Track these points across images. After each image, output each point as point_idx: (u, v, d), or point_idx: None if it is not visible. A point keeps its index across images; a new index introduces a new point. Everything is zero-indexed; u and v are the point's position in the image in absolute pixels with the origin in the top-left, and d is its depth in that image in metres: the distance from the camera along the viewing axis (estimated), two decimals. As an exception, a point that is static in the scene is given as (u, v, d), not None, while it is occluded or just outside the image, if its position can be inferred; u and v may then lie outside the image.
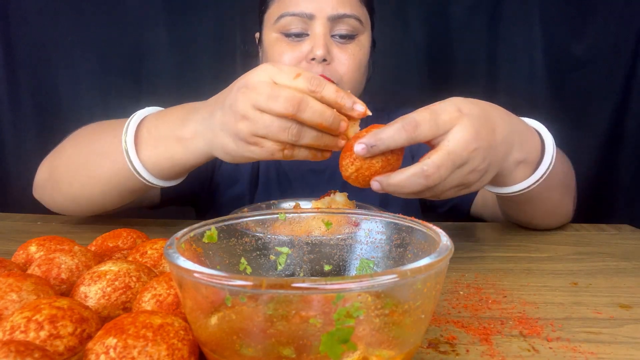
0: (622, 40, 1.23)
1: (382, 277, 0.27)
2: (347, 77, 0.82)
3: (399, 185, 0.49)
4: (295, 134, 0.51)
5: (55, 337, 0.31)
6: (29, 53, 1.26)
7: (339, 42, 0.81)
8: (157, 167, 0.63)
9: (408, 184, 0.48)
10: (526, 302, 0.48)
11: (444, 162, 0.48)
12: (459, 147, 0.49)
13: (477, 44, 1.28)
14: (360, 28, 0.82)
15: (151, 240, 0.51)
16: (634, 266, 0.60)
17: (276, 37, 0.82)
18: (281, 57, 0.81)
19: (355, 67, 0.82)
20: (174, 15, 1.27)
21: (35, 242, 0.51)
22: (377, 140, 0.48)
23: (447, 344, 0.39)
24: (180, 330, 0.31)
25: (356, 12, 0.81)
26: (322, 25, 0.79)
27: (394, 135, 0.48)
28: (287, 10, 0.80)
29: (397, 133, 0.48)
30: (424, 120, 0.48)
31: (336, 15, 0.79)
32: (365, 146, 0.48)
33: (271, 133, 0.51)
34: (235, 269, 0.42)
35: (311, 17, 0.79)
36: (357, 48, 0.82)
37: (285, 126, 0.50)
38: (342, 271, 0.45)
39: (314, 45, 0.78)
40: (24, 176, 1.29)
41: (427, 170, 0.48)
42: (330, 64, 0.80)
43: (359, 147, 0.48)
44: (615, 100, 1.26)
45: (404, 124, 0.48)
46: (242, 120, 0.52)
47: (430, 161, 0.48)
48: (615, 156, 1.27)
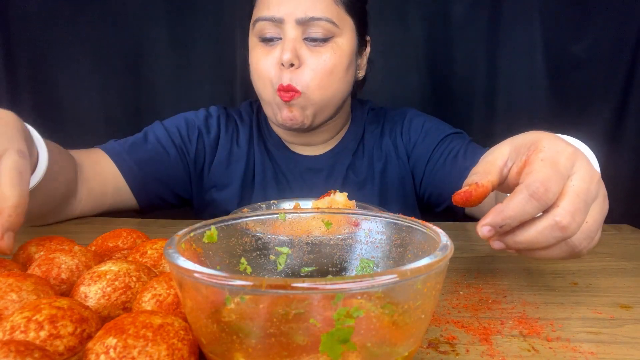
0: (622, 40, 1.23)
1: (382, 277, 0.27)
2: (314, 84, 0.80)
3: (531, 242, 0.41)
4: None
5: (55, 337, 0.31)
6: (29, 53, 1.26)
7: (310, 45, 0.80)
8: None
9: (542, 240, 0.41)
10: (526, 302, 0.48)
11: (576, 205, 0.40)
12: (584, 184, 0.40)
13: (477, 44, 1.28)
14: (335, 30, 0.80)
15: (151, 240, 0.51)
16: (634, 266, 0.60)
17: (255, 41, 0.83)
18: (257, 64, 0.82)
19: (325, 71, 0.80)
20: (174, 15, 1.27)
21: (35, 242, 0.51)
22: (505, 219, 0.40)
23: (447, 344, 0.39)
24: (180, 330, 0.31)
25: (328, 14, 0.79)
26: (292, 29, 0.78)
27: (525, 207, 0.39)
28: (260, 15, 0.80)
29: (529, 204, 0.39)
30: (549, 178, 0.39)
31: (305, 19, 0.78)
32: (491, 228, 0.41)
33: None
34: (235, 269, 0.42)
35: (281, 20, 0.78)
36: (330, 51, 0.81)
37: None
38: (342, 271, 0.45)
39: (282, 49, 0.78)
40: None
41: (560, 221, 0.39)
42: (299, 69, 0.79)
43: (485, 229, 0.41)
44: (615, 100, 1.26)
45: (532, 192, 0.39)
46: None
47: (559, 210, 0.40)
48: (615, 156, 1.27)
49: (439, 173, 0.90)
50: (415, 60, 1.31)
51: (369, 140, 0.97)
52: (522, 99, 1.27)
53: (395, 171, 0.95)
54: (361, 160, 0.96)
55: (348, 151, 0.95)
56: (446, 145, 0.91)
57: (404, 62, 1.31)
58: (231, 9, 1.27)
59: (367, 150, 0.96)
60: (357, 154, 0.96)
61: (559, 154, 0.41)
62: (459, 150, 0.88)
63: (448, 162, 0.89)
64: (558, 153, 0.41)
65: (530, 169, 0.41)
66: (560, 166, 0.40)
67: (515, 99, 1.27)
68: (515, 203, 0.39)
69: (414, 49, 1.30)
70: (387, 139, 0.97)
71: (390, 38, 1.27)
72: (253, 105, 1.01)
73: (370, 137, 0.97)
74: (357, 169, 0.95)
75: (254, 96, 0.93)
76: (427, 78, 1.32)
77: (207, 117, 0.95)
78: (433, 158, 0.91)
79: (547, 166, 0.40)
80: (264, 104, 0.88)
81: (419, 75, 1.32)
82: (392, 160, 0.96)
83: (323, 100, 0.83)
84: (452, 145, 0.90)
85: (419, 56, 1.31)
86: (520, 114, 1.25)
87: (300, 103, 0.81)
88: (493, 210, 0.40)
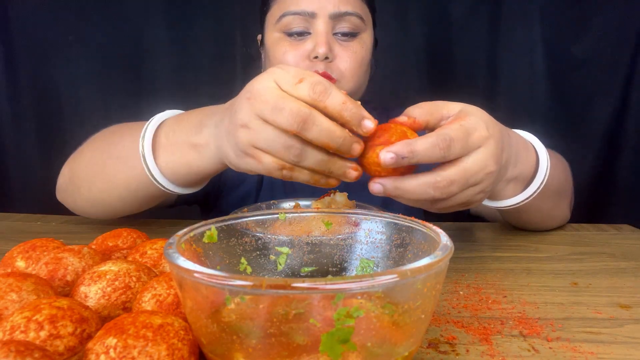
0: (622, 40, 1.23)
1: (382, 277, 0.27)
2: (348, 74, 0.82)
3: (407, 191, 0.46)
4: (297, 155, 0.45)
5: (55, 337, 0.31)
6: (29, 53, 1.26)
7: (340, 40, 0.81)
8: (174, 174, 0.61)
9: (417, 191, 0.46)
10: (526, 302, 0.48)
11: (458, 178, 0.46)
12: (476, 167, 0.47)
13: (477, 44, 1.28)
14: (362, 26, 0.82)
15: (151, 240, 0.51)
16: (634, 266, 0.60)
17: (278, 36, 0.82)
18: (284, 57, 0.81)
19: (357, 64, 0.82)
20: (174, 15, 1.27)
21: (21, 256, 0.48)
22: (409, 153, 0.44)
23: (447, 344, 0.39)
24: (180, 330, 0.31)
25: (358, 9, 0.81)
26: (324, 23, 0.79)
27: (428, 151, 0.44)
28: (288, 9, 0.80)
29: (432, 149, 0.44)
30: (458, 139, 0.45)
31: (338, 13, 0.79)
32: (395, 156, 0.44)
33: (272, 148, 0.46)
34: (235, 269, 0.42)
35: (313, 15, 0.79)
36: (359, 46, 0.82)
37: (289, 144, 0.45)
38: (342, 271, 0.45)
39: (316, 43, 0.78)
40: (24, 176, 1.29)
41: (439, 182, 0.45)
42: (332, 62, 0.80)
43: (388, 155, 0.44)
44: (615, 100, 1.26)
45: (439, 141, 0.44)
46: (243, 129, 0.47)
47: (445, 174, 0.46)
48: (615, 156, 1.27)
49: None
50: (415, 60, 1.31)
51: None
52: (522, 99, 1.26)
53: None
54: None
55: None
56: None
57: (404, 62, 1.31)
58: (231, 8, 1.27)
59: None
60: None
61: (477, 130, 0.47)
62: None
63: None
64: (476, 129, 0.47)
65: (447, 125, 0.47)
66: (471, 138, 0.47)
67: (515, 99, 1.27)
68: (423, 142, 0.44)
69: (414, 49, 1.30)
70: None
71: (390, 38, 1.27)
72: None
73: None
74: None
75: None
76: (427, 78, 1.32)
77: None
78: None
79: (461, 129, 0.46)
80: None
81: (419, 75, 1.32)
82: None
83: (352, 90, 0.84)
84: None
85: (419, 56, 1.31)
86: (520, 114, 1.25)
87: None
88: (403, 142, 0.44)
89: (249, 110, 0.46)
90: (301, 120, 0.43)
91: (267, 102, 0.45)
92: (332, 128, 0.44)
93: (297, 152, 0.45)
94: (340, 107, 0.44)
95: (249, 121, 0.46)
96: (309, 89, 0.44)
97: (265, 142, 0.46)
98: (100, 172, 0.68)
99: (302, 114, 0.43)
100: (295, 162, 0.46)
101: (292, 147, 0.45)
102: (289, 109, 0.43)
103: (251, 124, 0.46)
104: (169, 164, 0.61)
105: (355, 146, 0.45)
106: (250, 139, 0.47)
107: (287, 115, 0.43)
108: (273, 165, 0.47)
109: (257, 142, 0.46)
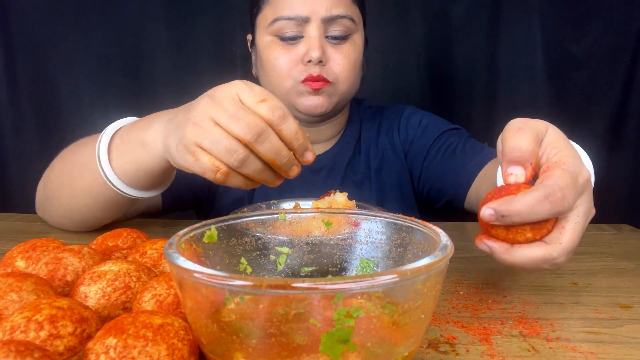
0: (622, 40, 1.23)
1: (382, 277, 0.27)
2: (342, 76, 0.82)
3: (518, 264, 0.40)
4: (240, 160, 0.47)
5: (55, 337, 0.31)
6: (29, 53, 1.25)
7: (333, 42, 0.82)
8: (125, 173, 0.62)
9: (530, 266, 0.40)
10: (526, 302, 0.48)
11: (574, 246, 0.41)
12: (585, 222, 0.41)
13: (477, 44, 1.28)
14: (353, 27, 0.83)
15: (151, 240, 0.51)
16: (634, 266, 0.60)
17: (270, 40, 0.83)
18: (277, 61, 0.82)
19: (350, 66, 0.83)
20: (173, 15, 1.27)
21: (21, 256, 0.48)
22: (510, 212, 0.38)
23: (447, 344, 0.39)
24: (180, 330, 0.31)
25: (349, 11, 0.82)
26: (317, 27, 0.79)
27: (535, 208, 0.38)
28: (282, 14, 0.80)
29: (540, 205, 0.38)
30: (568, 187, 0.39)
31: (330, 17, 0.79)
32: (494, 213, 0.39)
33: (215, 150, 0.47)
34: (235, 269, 0.42)
35: (306, 19, 0.79)
36: (351, 47, 0.83)
37: (233, 148, 0.47)
38: (342, 271, 0.45)
39: (309, 47, 0.79)
40: (24, 176, 1.29)
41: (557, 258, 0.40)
42: (325, 65, 0.81)
43: (487, 212, 0.39)
44: (615, 100, 1.26)
45: (549, 194, 0.38)
46: (192, 125, 0.49)
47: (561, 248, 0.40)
48: (615, 156, 1.27)
49: (437, 168, 0.90)
50: (415, 60, 1.31)
51: (366, 139, 0.97)
52: (522, 99, 1.26)
53: (392, 169, 0.95)
54: (358, 158, 0.96)
55: (346, 150, 0.95)
56: (444, 141, 0.91)
57: (404, 62, 1.31)
58: (231, 8, 1.27)
59: (364, 149, 0.96)
60: (354, 152, 0.96)
61: (579, 175, 0.40)
62: (456, 145, 0.89)
63: (446, 158, 0.89)
64: (578, 174, 0.40)
65: (551, 174, 0.39)
66: (579, 185, 0.40)
67: (515, 99, 1.27)
68: (527, 199, 0.38)
69: (414, 49, 1.30)
70: (384, 137, 0.97)
71: (390, 38, 1.27)
72: None
73: (367, 135, 0.97)
74: (355, 167, 0.95)
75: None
76: (427, 78, 1.32)
77: None
78: (430, 154, 0.92)
79: (568, 178, 0.39)
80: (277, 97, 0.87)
81: (419, 75, 1.32)
82: (389, 158, 0.96)
83: (347, 91, 0.85)
84: (450, 141, 0.90)
85: (419, 56, 1.31)
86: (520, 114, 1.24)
87: (329, 91, 0.83)
88: (503, 197, 0.39)
89: (204, 112, 0.48)
90: (256, 133, 0.46)
91: (226, 110, 0.47)
92: (282, 147, 0.48)
93: (241, 157, 0.47)
94: (293, 135, 0.48)
95: (201, 120, 0.48)
96: (269, 110, 0.47)
97: (211, 143, 0.48)
98: (67, 181, 0.69)
99: (259, 128, 0.46)
100: (236, 167, 0.48)
101: (236, 152, 0.47)
102: (247, 120, 0.46)
103: (203, 123, 0.48)
104: (119, 163, 0.62)
105: (294, 168, 0.50)
106: (196, 136, 0.48)
107: (244, 125, 0.46)
108: (209, 166, 0.48)
109: (202, 141, 0.48)
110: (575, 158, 0.41)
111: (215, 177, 0.49)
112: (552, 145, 0.42)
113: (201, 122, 0.48)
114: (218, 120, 0.47)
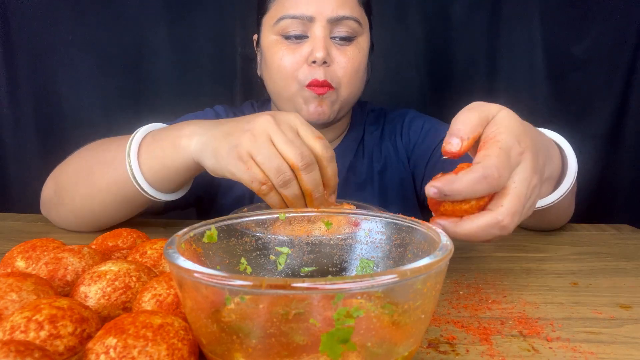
0: (622, 40, 1.23)
1: (382, 277, 0.27)
2: (345, 80, 0.82)
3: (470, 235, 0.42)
4: (285, 181, 0.52)
5: (55, 337, 0.31)
6: (29, 53, 1.25)
7: (338, 44, 0.81)
8: (151, 169, 0.64)
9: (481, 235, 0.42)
10: (526, 302, 0.48)
11: (518, 208, 0.43)
12: (524, 187, 0.43)
13: (477, 44, 1.28)
14: (359, 30, 0.82)
15: (151, 240, 0.51)
16: (634, 266, 0.60)
17: (275, 39, 0.82)
18: (281, 61, 0.81)
19: (354, 70, 0.82)
20: (174, 15, 1.27)
21: (21, 256, 0.48)
22: (452, 191, 0.41)
23: (447, 344, 0.39)
24: (180, 330, 0.31)
25: (355, 13, 0.81)
26: (322, 28, 0.79)
27: (474, 186, 0.41)
28: (286, 13, 0.80)
29: (479, 184, 0.41)
30: (503, 166, 0.42)
31: (336, 18, 0.79)
32: (437, 191, 0.41)
33: (267, 165, 0.52)
34: (235, 269, 0.42)
35: (311, 19, 0.79)
36: (356, 50, 0.82)
37: (283, 169, 0.52)
38: (342, 271, 0.45)
39: (313, 47, 0.79)
40: (24, 176, 1.29)
41: (502, 220, 0.42)
42: (329, 67, 0.80)
43: (431, 190, 0.41)
44: (615, 100, 1.26)
45: (487, 175, 0.41)
46: (250, 137, 0.53)
47: (504, 210, 0.42)
48: (615, 156, 1.27)
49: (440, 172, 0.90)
50: (415, 60, 1.31)
51: (369, 142, 0.97)
52: (522, 99, 1.26)
53: (395, 173, 0.95)
54: (361, 161, 0.96)
55: (348, 153, 0.95)
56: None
57: (404, 62, 1.31)
58: (231, 9, 1.27)
59: (367, 152, 0.96)
60: (357, 155, 0.96)
61: (513, 148, 0.44)
62: None
63: (448, 162, 0.89)
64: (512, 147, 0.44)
65: (487, 152, 0.43)
66: (512, 160, 0.43)
67: (515, 99, 1.27)
68: (468, 179, 0.41)
69: (414, 49, 1.30)
70: (387, 141, 0.97)
71: (390, 38, 1.27)
72: (254, 105, 1.01)
73: (370, 138, 0.97)
74: (357, 170, 0.95)
75: (254, 96, 0.92)
76: (427, 78, 1.32)
77: (215, 117, 0.95)
78: (433, 158, 0.92)
79: (502, 155, 0.42)
80: (282, 100, 0.86)
81: (419, 75, 1.32)
82: (392, 162, 0.96)
83: (349, 97, 0.85)
84: None
85: (419, 56, 1.31)
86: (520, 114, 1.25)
87: (332, 98, 0.82)
88: (445, 177, 0.41)
89: (264, 128, 0.53)
90: (306, 163, 0.52)
91: (284, 134, 0.53)
92: (321, 182, 0.54)
93: (287, 178, 0.52)
94: (332, 175, 0.55)
95: (259, 134, 0.53)
96: (323, 148, 0.54)
97: (264, 158, 0.52)
98: (85, 178, 0.70)
99: (310, 159, 0.52)
100: (279, 186, 0.53)
101: (284, 174, 0.52)
102: (302, 149, 0.52)
103: (260, 137, 0.53)
104: (147, 159, 0.64)
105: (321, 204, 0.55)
106: (251, 148, 0.53)
107: (298, 153, 0.52)
108: (259, 177, 0.53)
109: (257, 155, 0.53)
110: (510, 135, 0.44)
111: (260, 189, 0.53)
112: (495, 122, 0.46)
113: (259, 136, 0.53)
114: (275, 140, 0.52)
